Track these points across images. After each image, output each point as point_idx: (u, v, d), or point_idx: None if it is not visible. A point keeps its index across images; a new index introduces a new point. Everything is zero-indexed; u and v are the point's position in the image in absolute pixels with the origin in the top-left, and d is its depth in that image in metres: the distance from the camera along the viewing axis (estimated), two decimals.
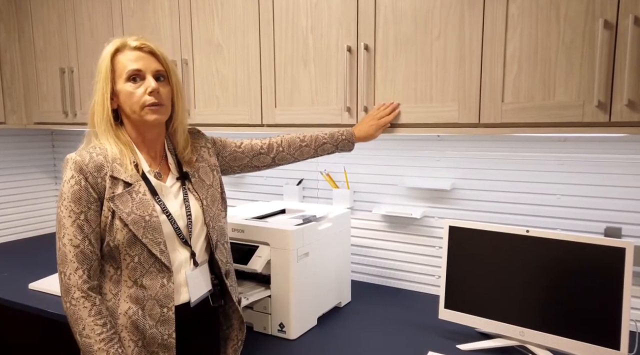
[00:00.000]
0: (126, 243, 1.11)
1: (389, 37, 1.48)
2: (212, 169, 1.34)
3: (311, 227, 1.53)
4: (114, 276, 1.14)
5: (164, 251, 1.15)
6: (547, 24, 1.26)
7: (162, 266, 1.15)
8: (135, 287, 1.13)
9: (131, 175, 1.15)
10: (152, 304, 1.14)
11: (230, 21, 1.76)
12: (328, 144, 1.50)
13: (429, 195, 1.82)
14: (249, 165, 1.47)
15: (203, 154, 1.33)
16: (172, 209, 1.19)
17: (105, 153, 1.15)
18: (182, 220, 1.21)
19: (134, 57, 1.17)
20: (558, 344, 1.29)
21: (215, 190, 1.31)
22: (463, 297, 1.44)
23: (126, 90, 1.16)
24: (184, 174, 1.26)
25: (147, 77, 1.17)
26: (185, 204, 1.23)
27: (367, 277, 1.98)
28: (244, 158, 1.45)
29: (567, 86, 1.26)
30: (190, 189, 1.26)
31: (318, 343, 1.45)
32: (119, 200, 1.12)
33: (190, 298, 1.20)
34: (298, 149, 1.48)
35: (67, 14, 2.19)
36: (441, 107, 1.42)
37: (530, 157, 1.64)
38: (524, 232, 1.34)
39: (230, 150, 1.43)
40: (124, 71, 1.16)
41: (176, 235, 1.19)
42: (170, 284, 1.15)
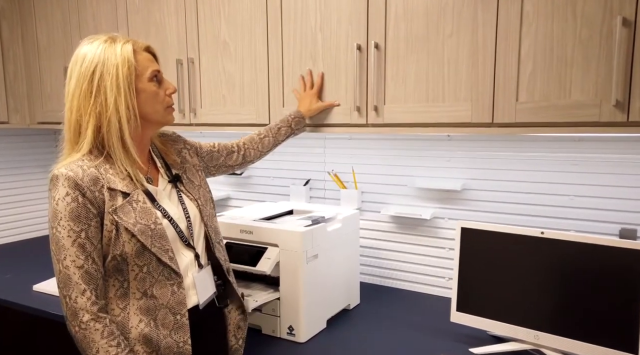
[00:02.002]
0: (135, 254, 1.07)
1: (399, 35, 1.45)
2: (197, 170, 1.33)
3: (320, 229, 1.50)
4: (119, 290, 1.09)
5: (172, 258, 1.12)
6: (563, 21, 1.24)
7: (170, 273, 1.12)
8: (144, 298, 1.09)
9: (127, 184, 1.10)
10: (165, 313, 1.11)
11: (237, 18, 1.74)
12: (283, 128, 1.58)
13: (438, 196, 1.80)
14: (223, 165, 1.47)
15: (185, 156, 1.32)
16: (171, 212, 1.17)
17: (95, 164, 1.08)
18: (182, 222, 1.19)
19: (149, 58, 1.16)
20: (573, 347, 1.27)
21: (205, 190, 1.31)
22: (475, 299, 1.42)
23: (151, 89, 1.14)
24: (176, 176, 1.25)
25: (163, 79, 1.19)
26: (181, 205, 1.21)
27: (376, 278, 1.96)
28: (219, 157, 1.46)
29: (584, 85, 1.23)
30: (183, 191, 1.24)
31: (328, 346, 1.43)
32: (122, 212, 1.07)
33: (198, 300, 1.18)
34: (259, 143, 1.54)
35: (70, 11, 2.17)
36: (454, 106, 1.39)
37: (542, 157, 1.61)
38: (539, 234, 1.32)
39: (207, 150, 1.43)
40: (146, 70, 1.14)
41: (179, 238, 1.17)
42: (181, 290, 1.13)
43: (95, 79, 1.08)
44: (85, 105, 1.09)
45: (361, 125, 1.54)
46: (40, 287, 1.85)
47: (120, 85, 1.08)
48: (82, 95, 1.09)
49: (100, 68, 1.08)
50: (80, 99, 1.09)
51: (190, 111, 1.88)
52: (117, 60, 1.09)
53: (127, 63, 1.10)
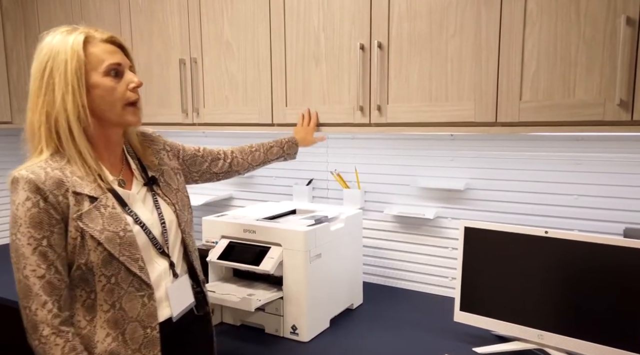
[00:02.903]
0: (101, 263, 1.00)
1: (403, 34, 1.45)
2: (176, 173, 1.26)
3: (323, 228, 1.50)
4: (87, 301, 1.02)
5: (143, 267, 1.05)
6: (567, 20, 1.24)
7: (141, 284, 1.05)
8: (112, 310, 1.02)
9: (95, 188, 1.03)
10: (134, 327, 1.04)
11: (240, 19, 1.74)
12: (275, 147, 1.54)
13: (441, 196, 1.79)
14: (207, 172, 1.41)
15: (164, 157, 1.25)
16: (144, 217, 1.10)
17: (61, 166, 1.01)
18: (156, 228, 1.11)
19: (108, 50, 1.05)
20: (578, 347, 1.27)
21: (183, 194, 1.24)
22: (479, 299, 1.41)
23: (106, 84, 1.04)
24: (152, 178, 1.17)
25: (125, 72, 1.08)
26: (156, 210, 1.14)
27: (379, 278, 1.95)
28: (203, 162, 1.39)
29: (588, 84, 1.23)
30: (159, 194, 1.17)
31: (332, 346, 1.43)
32: (88, 218, 1.00)
33: (172, 313, 1.11)
34: (249, 154, 1.50)
35: (74, 12, 2.17)
36: (457, 105, 1.39)
37: (546, 156, 1.61)
38: (543, 233, 1.32)
39: (191, 154, 1.36)
40: (101, 64, 1.03)
41: (152, 245, 1.09)
42: (152, 303, 1.06)
43: (45, 75, 1.01)
44: (37, 103, 1.02)
45: (364, 124, 1.54)
46: None
47: (68, 81, 1.00)
48: (34, 93, 1.03)
49: (50, 64, 1.01)
50: (33, 97, 1.03)
51: (193, 111, 1.88)
52: (67, 55, 1.00)
53: (76, 56, 1.00)
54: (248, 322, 1.54)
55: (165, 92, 1.96)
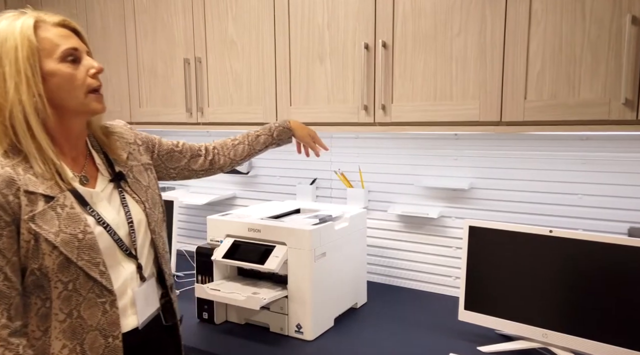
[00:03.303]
0: (57, 268, 0.92)
1: (407, 33, 1.45)
2: (146, 168, 1.18)
3: (328, 227, 1.50)
4: (41, 309, 0.93)
5: (104, 272, 0.97)
6: (572, 19, 1.24)
7: (102, 290, 0.97)
8: (69, 319, 0.94)
9: (51, 186, 0.94)
10: (94, 336, 0.96)
11: (244, 18, 1.74)
12: (262, 136, 1.43)
13: (445, 195, 1.80)
14: (186, 169, 1.33)
15: (133, 152, 1.16)
16: (108, 217, 1.01)
17: (13, 163, 0.93)
18: (122, 228, 1.04)
19: (62, 34, 0.97)
20: (583, 346, 1.27)
21: (153, 192, 1.16)
22: (484, 298, 1.42)
23: (64, 71, 0.95)
24: (119, 174, 1.09)
25: (83, 57, 0.99)
26: (123, 208, 1.06)
27: (382, 278, 1.96)
28: (182, 159, 1.31)
29: (593, 83, 1.23)
30: (127, 191, 1.09)
31: (336, 344, 1.43)
32: (42, 219, 0.91)
33: (138, 320, 1.04)
34: (232, 149, 1.41)
35: (78, 11, 2.18)
36: (461, 105, 1.39)
37: (550, 155, 1.61)
38: (547, 232, 1.32)
39: (167, 149, 1.28)
40: (55, 49, 0.95)
41: (118, 247, 1.02)
42: (114, 310, 0.98)
43: None
44: None
45: (369, 124, 1.55)
46: None
47: (20, 69, 0.91)
48: None
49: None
50: None
51: (198, 110, 1.88)
52: (16, 41, 0.92)
53: (27, 42, 0.92)
54: (253, 320, 1.54)
55: (170, 92, 1.96)
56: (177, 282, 1.96)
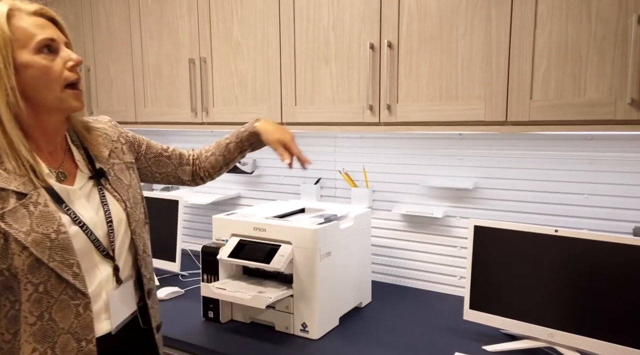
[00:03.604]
0: (27, 269, 0.88)
1: (413, 34, 1.46)
2: (128, 167, 1.13)
3: (333, 226, 1.51)
4: (10, 312, 0.89)
5: (78, 274, 0.93)
6: (578, 20, 1.24)
7: (76, 292, 0.93)
8: (40, 322, 0.90)
9: (25, 182, 0.90)
10: (66, 340, 0.92)
11: (249, 19, 1.75)
12: (232, 143, 1.34)
13: (450, 195, 1.80)
14: (172, 175, 1.30)
15: (116, 150, 1.12)
16: (86, 216, 0.97)
17: None
18: (100, 228, 0.99)
19: (38, 24, 0.92)
20: (588, 345, 1.27)
21: (135, 191, 1.11)
22: (489, 297, 1.42)
23: (39, 63, 0.90)
24: (99, 171, 1.04)
25: (61, 49, 0.94)
26: (103, 207, 1.01)
27: (387, 277, 1.96)
28: (169, 165, 1.28)
29: (599, 83, 1.23)
30: (108, 189, 1.04)
31: (342, 343, 1.43)
32: (12, 218, 0.87)
33: (111, 325, 1.00)
34: (205, 161, 1.34)
35: (84, 13, 2.19)
36: (467, 104, 1.40)
37: (556, 155, 1.61)
38: (553, 232, 1.32)
39: (155, 152, 1.25)
40: (31, 40, 0.90)
41: (95, 248, 0.98)
42: (88, 313, 0.94)
43: None
44: None
45: (374, 124, 1.55)
46: None
47: None
48: None
49: None
50: None
51: (203, 110, 1.89)
52: None
53: (0, 31, 0.88)
54: (258, 319, 1.55)
55: (175, 92, 1.97)
56: (182, 281, 1.97)
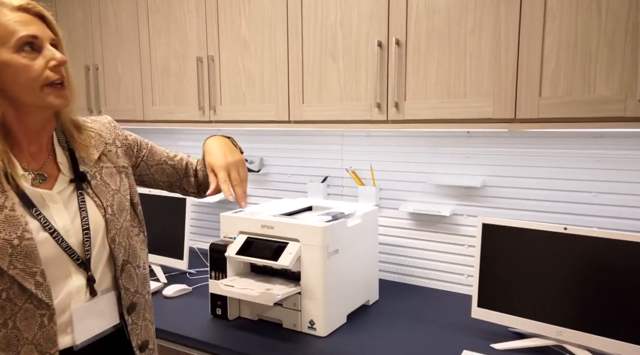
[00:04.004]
0: None
1: (421, 31, 1.46)
2: (120, 171, 1.06)
3: (341, 224, 1.51)
4: None
5: (42, 283, 0.88)
6: (588, 15, 1.23)
7: (40, 303, 0.88)
8: (4, 329, 0.86)
9: None
10: (29, 350, 0.88)
11: (257, 17, 1.75)
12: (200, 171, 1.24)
13: (458, 193, 1.79)
14: (177, 185, 1.23)
15: (108, 153, 1.06)
16: (60, 222, 0.92)
17: None
18: (74, 235, 0.93)
19: (21, 20, 0.87)
20: (598, 343, 1.26)
21: (122, 197, 1.04)
22: (497, 295, 1.41)
23: (18, 62, 0.86)
24: (81, 174, 0.98)
25: (45, 47, 0.89)
26: (80, 213, 0.95)
27: (394, 275, 1.96)
28: (173, 174, 1.21)
29: (609, 80, 1.23)
30: (89, 194, 0.98)
31: (349, 341, 1.43)
32: None
33: (74, 340, 0.93)
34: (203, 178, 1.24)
35: (92, 10, 2.20)
36: (475, 102, 1.39)
37: (564, 153, 1.61)
38: (562, 230, 1.31)
39: (159, 160, 1.18)
40: (11, 37, 0.86)
41: (68, 256, 0.92)
42: (52, 325, 0.89)
43: None
44: None
45: (381, 121, 1.55)
46: None
47: None
48: None
49: None
50: None
51: (210, 108, 1.89)
52: None
53: None
54: (266, 316, 1.55)
55: (182, 90, 1.98)
56: (190, 279, 1.97)
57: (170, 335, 1.51)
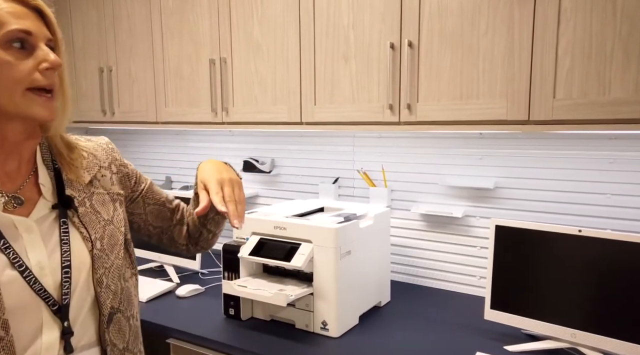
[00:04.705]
0: None
1: (433, 32, 1.46)
2: (114, 199, 0.91)
3: (353, 225, 1.51)
4: None
5: (2, 338, 0.70)
6: (603, 16, 1.23)
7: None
8: None
9: None
10: None
11: (269, 19, 1.76)
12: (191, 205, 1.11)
13: (470, 194, 1.79)
14: (167, 234, 1.06)
15: (101, 178, 0.90)
16: (34, 257, 0.75)
17: None
18: (50, 275, 0.76)
19: (15, 11, 0.74)
20: (613, 346, 1.26)
21: (115, 230, 0.88)
22: (510, 297, 1.41)
23: (4, 59, 0.73)
24: (66, 199, 0.82)
25: (38, 46, 0.76)
26: (62, 246, 0.78)
27: (405, 277, 1.96)
28: (169, 219, 1.05)
29: (624, 81, 1.22)
30: (74, 223, 0.82)
31: (362, 342, 1.44)
32: None
33: None
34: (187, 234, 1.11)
35: (106, 12, 2.23)
36: (488, 103, 1.39)
37: (578, 155, 1.60)
38: (577, 232, 1.31)
39: (158, 200, 1.02)
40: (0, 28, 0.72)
41: (41, 300, 0.74)
42: None
43: None
44: None
45: (394, 123, 1.55)
46: None
47: None
48: None
49: None
50: None
51: (223, 110, 1.91)
52: None
53: None
54: (278, 317, 1.56)
55: (195, 92, 1.99)
56: (202, 279, 1.99)
57: (184, 334, 1.52)
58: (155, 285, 1.87)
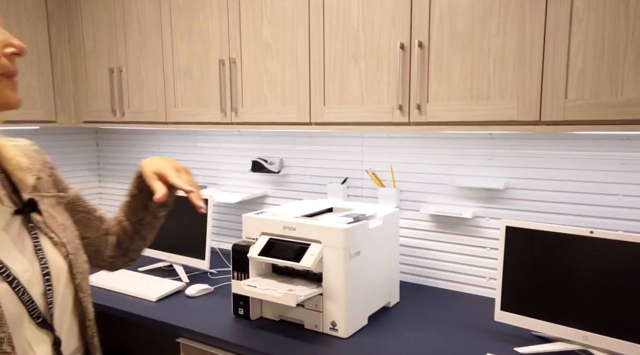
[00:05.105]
0: None
1: (444, 33, 1.45)
2: (59, 203, 0.85)
3: (362, 226, 1.51)
4: None
5: (9, 353, 0.66)
6: (615, 17, 1.22)
7: None
8: None
9: None
10: None
11: (279, 19, 1.76)
12: (127, 198, 1.00)
13: (480, 195, 1.78)
14: (94, 245, 0.96)
15: (43, 182, 0.84)
16: (17, 267, 0.70)
17: None
18: (37, 284, 0.71)
19: None
20: (625, 348, 1.25)
21: (72, 234, 0.83)
22: (521, 299, 1.40)
23: None
24: (30, 202, 0.76)
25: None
26: (37, 253, 0.73)
27: (414, 277, 1.96)
28: (98, 230, 0.96)
29: (636, 82, 1.21)
30: (42, 229, 0.76)
31: (371, 342, 1.44)
32: None
33: None
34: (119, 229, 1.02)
35: (116, 13, 2.24)
36: (499, 104, 1.38)
37: (589, 155, 1.59)
38: (588, 233, 1.30)
39: (86, 208, 0.94)
40: None
41: (27, 312, 0.69)
42: None
43: None
44: None
45: (403, 123, 1.55)
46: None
47: None
48: None
49: None
50: None
51: (232, 110, 1.91)
52: None
53: None
54: (287, 317, 1.56)
55: (204, 92, 2.00)
56: (212, 279, 2.00)
57: (194, 334, 1.53)
58: (164, 284, 1.88)
